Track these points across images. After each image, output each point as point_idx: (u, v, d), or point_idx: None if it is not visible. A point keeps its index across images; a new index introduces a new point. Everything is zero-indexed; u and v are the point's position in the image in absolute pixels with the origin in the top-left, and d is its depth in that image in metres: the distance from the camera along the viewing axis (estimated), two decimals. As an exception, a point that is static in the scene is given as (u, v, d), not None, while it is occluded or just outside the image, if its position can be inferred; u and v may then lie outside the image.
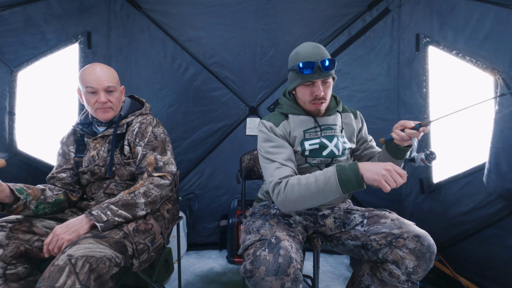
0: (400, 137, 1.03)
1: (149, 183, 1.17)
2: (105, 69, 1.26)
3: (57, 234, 0.97)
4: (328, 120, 1.22)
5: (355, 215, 1.17)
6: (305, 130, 1.18)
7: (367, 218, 1.13)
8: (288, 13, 2.10)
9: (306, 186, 0.97)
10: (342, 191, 0.94)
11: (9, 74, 1.68)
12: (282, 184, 1.02)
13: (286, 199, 1.00)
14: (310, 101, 1.15)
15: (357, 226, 1.13)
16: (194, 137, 2.32)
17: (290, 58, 1.18)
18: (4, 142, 1.67)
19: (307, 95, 1.14)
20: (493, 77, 1.45)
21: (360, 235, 1.10)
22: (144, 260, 1.09)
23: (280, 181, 1.03)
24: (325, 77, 1.10)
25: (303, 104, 1.19)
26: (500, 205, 1.47)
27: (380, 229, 1.05)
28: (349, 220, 1.17)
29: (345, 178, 0.93)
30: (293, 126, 1.18)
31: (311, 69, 1.08)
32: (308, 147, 1.16)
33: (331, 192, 0.95)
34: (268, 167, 1.09)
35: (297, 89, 1.17)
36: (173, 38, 2.15)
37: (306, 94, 1.14)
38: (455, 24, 1.63)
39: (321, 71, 1.08)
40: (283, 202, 1.02)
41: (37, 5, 1.69)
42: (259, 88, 2.32)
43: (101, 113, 1.26)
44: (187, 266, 2.09)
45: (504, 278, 1.46)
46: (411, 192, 1.99)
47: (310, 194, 0.97)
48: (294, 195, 0.99)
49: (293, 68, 1.14)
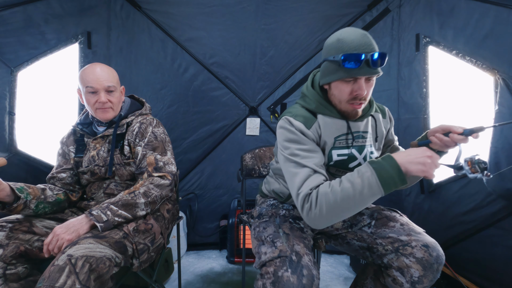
0: (443, 142, 0.89)
1: (149, 183, 1.17)
2: (105, 69, 1.26)
3: (57, 234, 0.97)
4: (361, 126, 1.04)
5: (364, 216, 1.09)
6: (336, 137, 1.01)
7: (375, 220, 1.06)
8: (288, 13, 2.10)
9: (342, 193, 0.81)
10: (384, 191, 0.80)
11: (9, 74, 1.68)
12: (313, 196, 0.85)
13: (321, 213, 0.83)
14: (348, 100, 0.95)
15: (364, 227, 1.07)
16: (194, 137, 2.32)
17: (329, 45, 0.95)
18: (4, 142, 1.67)
19: (345, 93, 0.94)
20: (493, 77, 1.45)
21: (366, 237, 1.04)
22: (144, 260, 1.09)
23: (310, 192, 0.86)
24: (372, 74, 0.91)
25: (337, 103, 0.99)
26: (500, 205, 1.47)
27: (388, 233, 0.99)
28: (357, 221, 1.10)
29: (386, 176, 0.79)
30: (324, 130, 0.99)
31: (358, 63, 0.87)
32: (336, 157, 1.01)
33: (372, 195, 0.80)
34: (296, 173, 0.90)
35: (333, 84, 0.96)
36: (173, 38, 2.15)
37: (344, 92, 0.94)
38: (455, 24, 1.63)
39: (369, 66, 0.88)
40: (318, 218, 0.84)
41: (37, 5, 1.69)
42: (259, 88, 2.32)
43: (101, 113, 1.26)
44: (187, 266, 2.09)
45: (504, 278, 1.45)
46: (411, 192, 1.99)
47: (347, 201, 0.81)
48: (329, 205, 0.82)
49: (333, 59, 0.91)
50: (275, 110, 2.33)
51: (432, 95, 1.85)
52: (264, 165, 1.70)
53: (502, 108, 1.36)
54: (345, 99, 0.96)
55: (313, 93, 1.03)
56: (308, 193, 0.86)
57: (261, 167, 1.69)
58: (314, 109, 1.02)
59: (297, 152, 0.93)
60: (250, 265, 2.10)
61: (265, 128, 2.38)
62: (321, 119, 1.00)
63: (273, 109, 2.32)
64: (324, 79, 0.98)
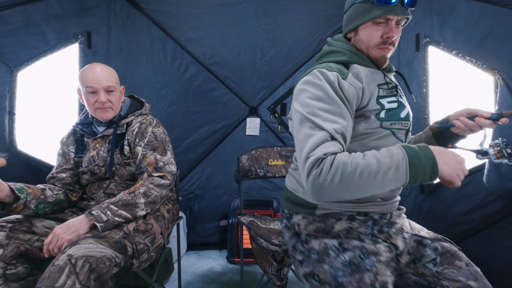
0: (468, 126, 0.85)
1: (149, 183, 1.17)
2: (105, 69, 1.26)
3: (57, 234, 0.97)
4: (392, 78, 0.97)
5: (427, 248, 0.94)
6: (379, 85, 0.89)
7: (440, 255, 0.91)
8: (288, 13, 2.10)
9: (364, 167, 0.70)
10: (409, 181, 0.71)
11: (9, 74, 1.68)
12: (327, 161, 0.71)
13: (331, 183, 0.70)
14: (378, 44, 0.88)
15: (428, 263, 0.91)
16: (194, 137, 2.32)
17: None
18: (4, 142, 1.67)
19: (375, 37, 0.87)
20: (493, 77, 1.45)
21: (429, 275, 0.89)
22: (144, 260, 1.09)
23: (324, 157, 0.72)
24: (405, 15, 0.85)
25: (365, 48, 0.90)
26: (500, 205, 1.47)
27: (457, 275, 0.86)
28: (421, 255, 0.92)
29: (419, 165, 0.70)
30: (365, 78, 0.88)
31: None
32: (387, 105, 0.87)
33: (394, 181, 0.71)
34: (311, 134, 0.76)
35: (360, 28, 0.89)
36: (173, 38, 2.15)
37: (374, 35, 0.87)
38: (455, 24, 1.63)
39: (402, 5, 0.83)
40: (325, 188, 0.71)
41: (37, 5, 1.69)
42: (259, 88, 2.32)
43: (101, 113, 1.26)
44: (187, 266, 2.09)
45: (505, 278, 1.45)
46: (411, 192, 1.99)
47: (367, 179, 0.70)
48: (344, 177, 0.70)
49: None
50: (275, 110, 2.33)
51: (432, 95, 1.85)
52: (260, 166, 1.70)
53: (502, 108, 1.36)
54: (374, 42, 0.88)
55: (342, 43, 0.93)
56: (321, 157, 0.72)
57: (257, 168, 1.69)
58: (346, 60, 0.90)
59: (318, 112, 0.79)
60: (249, 265, 2.10)
61: (265, 128, 2.38)
62: (357, 69, 0.89)
63: (273, 109, 2.32)
64: (352, 23, 0.90)
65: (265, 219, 1.67)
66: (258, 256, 1.44)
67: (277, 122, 2.34)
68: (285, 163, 1.76)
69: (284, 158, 1.77)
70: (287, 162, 1.76)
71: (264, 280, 1.50)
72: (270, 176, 1.73)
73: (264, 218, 1.69)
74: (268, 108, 2.33)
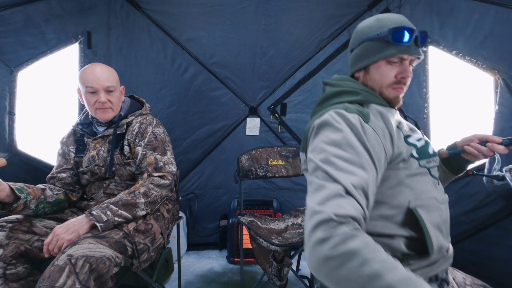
0: (480, 152, 0.83)
1: (149, 183, 1.17)
2: (105, 69, 1.26)
3: (57, 234, 0.97)
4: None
5: None
6: (400, 124, 0.83)
7: None
8: (288, 13, 2.10)
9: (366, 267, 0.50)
10: None
11: (9, 74, 1.68)
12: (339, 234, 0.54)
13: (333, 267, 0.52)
14: (392, 84, 0.82)
15: None
16: (194, 137, 2.32)
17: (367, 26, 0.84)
18: (4, 142, 1.67)
19: (389, 76, 0.81)
20: (493, 77, 1.45)
21: None
22: (144, 260, 1.09)
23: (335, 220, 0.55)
24: (419, 54, 0.82)
25: (378, 88, 0.84)
26: (500, 205, 1.47)
27: None
28: None
29: None
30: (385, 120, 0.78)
31: (409, 37, 0.77)
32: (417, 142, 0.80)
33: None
34: (321, 186, 0.63)
35: (372, 67, 0.83)
36: (173, 38, 2.15)
37: (388, 75, 0.81)
38: (455, 24, 1.63)
39: (416, 45, 0.79)
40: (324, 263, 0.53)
41: (37, 5, 1.68)
42: (259, 88, 2.32)
43: (101, 114, 1.26)
44: (187, 266, 2.09)
45: (504, 278, 1.45)
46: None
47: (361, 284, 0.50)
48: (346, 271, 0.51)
49: (377, 35, 0.79)
50: (275, 110, 2.33)
51: (432, 95, 1.85)
52: (260, 166, 1.70)
53: (502, 108, 1.36)
54: (388, 82, 0.82)
55: (351, 82, 0.86)
56: (330, 219, 0.56)
57: (257, 168, 1.70)
58: (361, 100, 0.81)
59: (333, 160, 0.65)
60: (249, 265, 2.10)
61: (265, 128, 2.38)
62: (376, 109, 0.80)
63: (273, 109, 2.32)
64: (363, 62, 0.84)
65: (265, 219, 1.67)
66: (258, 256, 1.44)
67: (277, 122, 2.35)
68: (285, 163, 1.76)
69: (284, 158, 1.77)
70: (287, 162, 1.76)
71: (264, 280, 1.50)
72: (270, 176, 1.73)
73: (264, 218, 1.69)
74: (268, 108, 2.33)
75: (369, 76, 0.85)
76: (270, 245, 1.30)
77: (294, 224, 1.61)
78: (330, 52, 2.17)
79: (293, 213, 1.73)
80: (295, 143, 2.34)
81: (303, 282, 1.50)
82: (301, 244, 1.39)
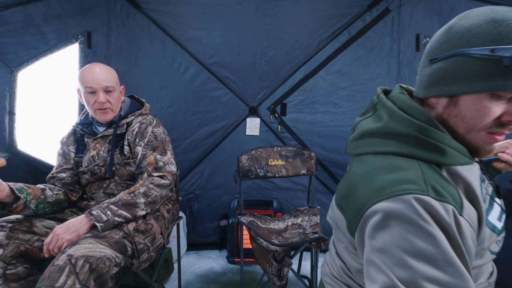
0: None
1: (149, 183, 1.17)
2: (104, 69, 1.26)
3: (57, 234, 0.97)
4: None
5: None
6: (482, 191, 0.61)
7: None
8: (288, 13, 2.10)
9: None
10: None
11: (9, 74, 1.68)
12: None
13: None
14: (490, 127, 0.55)
15: None
16: (194, 137, 2.32)
17: (474, 28, 0.51)
18: (4, 142, 1.67)
19: (490, 116, 0.53)
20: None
21: None
22: (144, 260, 1.09)
23: None
24: None
25: (464, 130, 0.57)
26: (500, 205, 1.47)
27: None
28: None
29: None
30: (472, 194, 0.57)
31: None
32: (497, 222, 0.62)
33: None
34: None
35: (467, 99, 0.54)
36: (173, 38, 2.15)
37: (489, 115, 0.53)
38: (455, 24, 1.63)
39: None
40: None
41: (37, 5, 1.68)
42: (259, 88, 2.32)
43: (101, 115, 1.26)
44: (187, 266, 2.09)
45: (505, 278, 1.45)
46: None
47: None
48: None
49: (491, 54, 0.48)
50: (275, 110, 2.33)
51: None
52: (260, 166, 1.70)
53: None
54: (485, 124, 0.54)
55: (436, 130, 0.56)
56: None
57: (257, 168, 1.70)
58: (444, 163, 0.56)
59: (424, 285, 0.45)
60: (249, 265, 2.10)
61: (265, 128, 2.38)
62: (459, 174, 0.57)
63: (273, 109, 2.32)
64: (454, 87, 0.54)
65: (265, 219, 1.67)
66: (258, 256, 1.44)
67: (277, 122, 2.34)
68: (285, 163, 1.76)
69: (284, 158, 1.77)
70: (287, 162, 1.76)
71: (264, 280, 1.50)
72: (270, 176, 1.73)
73: (264, 218, 1.69)
74: (268, 108, 2.33)
75: (455, 110, 0.56)
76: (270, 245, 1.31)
77: (294, 224, 1.61)
78: (330, 52, 2.17)
79: (293, 213, 1.73)
80: (295, 143, 2.34)
81: (303, 282, 1.50)
82: (301, 244, 1.39)
